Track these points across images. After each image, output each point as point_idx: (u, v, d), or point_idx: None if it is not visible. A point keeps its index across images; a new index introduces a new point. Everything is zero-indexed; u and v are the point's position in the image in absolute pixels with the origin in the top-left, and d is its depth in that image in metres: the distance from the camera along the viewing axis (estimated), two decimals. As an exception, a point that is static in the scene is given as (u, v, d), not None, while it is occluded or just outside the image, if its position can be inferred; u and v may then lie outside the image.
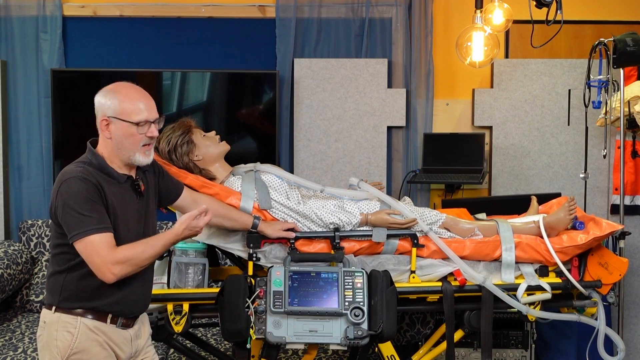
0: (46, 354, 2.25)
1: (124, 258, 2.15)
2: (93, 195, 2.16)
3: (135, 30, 4.16)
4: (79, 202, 2.14)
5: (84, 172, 2.19)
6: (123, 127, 2.24)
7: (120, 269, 2.14)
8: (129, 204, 2.29)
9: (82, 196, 2.14)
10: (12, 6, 4.08)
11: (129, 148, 2.26)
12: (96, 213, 2.16)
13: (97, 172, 2.23)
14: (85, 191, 2.15)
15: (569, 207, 2.95)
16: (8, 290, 3.68)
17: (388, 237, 2.84)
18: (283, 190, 2.91)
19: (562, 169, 4.17)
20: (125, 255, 2.16)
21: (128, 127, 2.24)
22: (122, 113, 2.24)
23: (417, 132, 4.18)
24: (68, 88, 4.00)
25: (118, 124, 2.24)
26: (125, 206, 2.27)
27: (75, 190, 2.15)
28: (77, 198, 2.14)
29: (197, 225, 2.25)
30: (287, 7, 4.13)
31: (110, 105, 2.24)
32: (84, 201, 2.14)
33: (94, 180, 2.18)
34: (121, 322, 2.30)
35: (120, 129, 2.24)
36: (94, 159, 2.26)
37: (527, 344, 3.50)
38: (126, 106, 2.24)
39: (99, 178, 2.21)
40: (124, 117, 2.24)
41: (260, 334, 2.64)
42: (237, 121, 4.13)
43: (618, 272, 2.85)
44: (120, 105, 2.24)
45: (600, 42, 3.46)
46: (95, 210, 2.16)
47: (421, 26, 4.17)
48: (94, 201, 2.16)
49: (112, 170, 2.26)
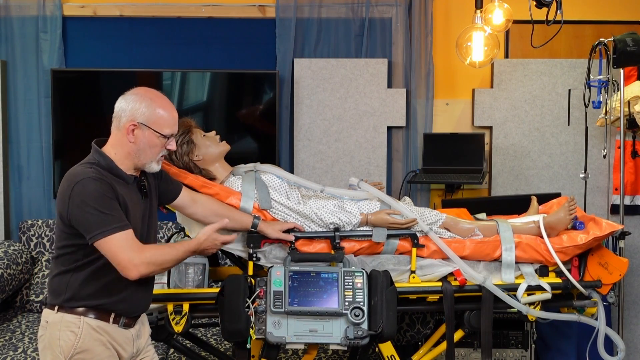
0: (48, 354, 2.25)
1: (151, 258, 2.18)
2: (111, 194, 2.18)
3: (135, 30, 4.16)
4: (99, 201, 2.15)
5: (96, 173, 2.20)
6: (151, 136, 2.26)
7: (146, 268, 2.17)
8: (135, 204, 2.30)
9: (100, 195, 2.16)
10: (12, 6, 4.08)
11: (149, 157, 2.28)
12: (116, 211, 2.18)
13: (106, 172, 2.24)
14: (102, 190, 2.16)
15: (569, 207, 2.95)
16: (8, 290, 3.68)
17: (388, 237, 2.84)
18: (283, 190, 2.91)
19: (562, 169, 4.17)
20: (153, 255, 2.19)
21: (156, 138, 2.26)
22: (155, 123, 2.25)
23: (417, 132, 4.18)
24: (68, 88, 4.00)
25: (146, 132, 2.25)
26: (133, 206, 2.28)
27: (92, 190, 2.15)
28: (96, 197, 2.15)
29: (217, 238, 2.30)
30: (287, 7, 4.14)
31: (145, 112, 2.24)
32: (102, 200, 2.15)
33: (107, 179, 2.20)
34: (123, 321, 2.31)
35: (146, 137, 2.25)
36: (102, 159, 2.25)
37: (527, 344, 3.50)
38: (160, 117, 2.26)
39: (109, 178, 2.22)
40: (155, 127, 2.25)
41: (260, 334, 2.64)
42: (237, 121, 4.13)
43: (618, 272, 2.85)
44: (154, 114, 2.25)
45: (600, 42, 3.46)
46: (115, 208, 2.18)
47: (421, 26, 4.17)
48: (112, 199, 2.18)
49: (121, 171, 2.27)
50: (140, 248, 2.19)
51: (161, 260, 2.21)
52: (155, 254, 2.20)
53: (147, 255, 2.17)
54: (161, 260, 2.21)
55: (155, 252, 2.21)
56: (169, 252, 2.24)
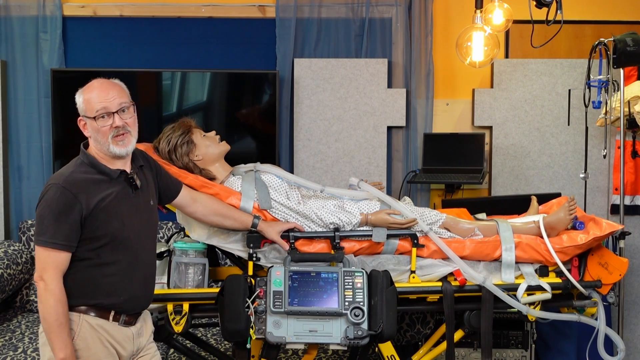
0: (47, 350, 2.25)
1: (54, 295, 2.17)
2: (69, 208, 2.18)
3: (135, 30, 4.16)
4: (54, 210, 2.18)
5: (66, 181, 2.21)
6: (90, 123, 2.29)
7: (46, 294, 2.17)
8: (123, 199, 2.30)
9: (57, 205, 2.18)
10: (12, 6, 4.07)
11: (102, 141, 2.29)
12: (66, 227, 2.18)
13: (89, 170, 2.26)
14: (62, 200, 2.18)
15: (569, 207, 2.95)
16: (8, 290, 3.68)
17: (388, 237, 2.84)
18: (283, 190, 2.91)
19: (562, 169, 4.17)
20: (58, 298, 2.17)
21: (95, 122, 2.28)
22: (88, 110, 2.29)
23: (417, 132, 4.18)
24: (68, 88, 3.94)
25: (88, 121, 2.30)
26: (119, 202, 2.28)
27: (52, 197, 2.19)
28: (53, 206, 2.18)
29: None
30: (287, 7, 4.13)
31: (80, 105, 2.32)
32: (57, 210, 2.18)
33: (74, 190, 2.20)
34: (123, 319, 2.31)
35: (91, 126, 2.30)
36: (85, 158, 2.30)
37: (527, 344, 3.50)
38: (85, 103, 2.30)
39: (87, 182, 2.23)
40: (89, 113, 2.29)
41: (260, 334, 2.64)
42: (237, 121, 4.13)
43: (618, 272, 2.85)
44: (83, 103, 2.31)
45: (600, 42, 3.46)
46: (67, 223, 2.18)
47: (421, 26, 4.17)
48: (68, 214, 2.18)
49: (103, 167, 2.29)
50: (59, 278, 2.18)
51: (49, 310, 2.16)
52: (56, 303, 2.16)
53: (56, 292, 2.17)
54: (50, 311, 2.16)
55: (57, 302, 2.16)
56: (56, 315, 2.16)
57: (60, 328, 2.17)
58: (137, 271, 2.33)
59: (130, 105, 2.34)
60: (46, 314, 2.17)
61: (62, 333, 2.18)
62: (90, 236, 2.22)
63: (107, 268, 2.25)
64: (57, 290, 2.18)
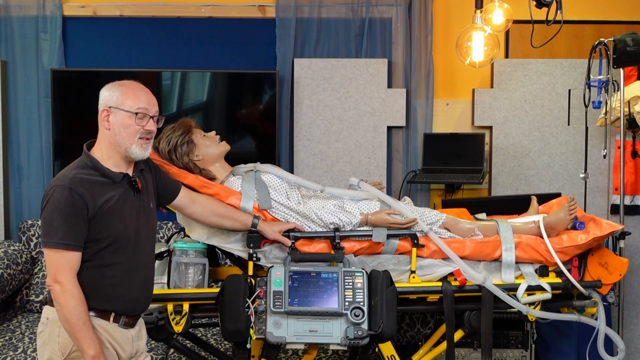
0: (46, 350, 2.26)
1: (72, 295, 2.16)
2: (77, 209, 2.18)
3: (135, 30, 4.16)
4: (62, 211, 2.17)
5: (74, 181, 2.20)
6: (122, 117, 2.27)
7: (62, 296, 2.16)
8: (126, 202, 2.30)
9: (66, 206, 2.17)
10: (12, 6, 4.08)
11: (126, 139, 2.28)
12: (75, 228, 2.18)
13: (91, 173, 2.25)
14: (70, 201, 2.17)
15: (569, 207, 2.95)
16: (8, 290, 3.68)
17: (388, 237, 2.84)
18: (283, 190, 2.91)
19: (562, 169, 4.17)
20: (75, 296, 2.17)
21: (127, 117, 2.27)
22: (123, 103, 2.28)
23: (417, 132, 4.18)
24: (68, 88, 4.00)
25: (118, 114, 2.28)
26: (121, 204, 2.28)
27: (59, 198, 2.18)
28: (60, 208, 2.17)
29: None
30: (287, 7, 4.13)
31: (112, 96, 2.29)
32: (66, 211, 2.17)
33: (80, 190, 2.19)
34: (123, 321, 2.32)
35: (119, 119, 2.28)
36: (88, 161, 2.28)
37: (527, 344, 3.50)
38: (127, 97, 2.29)
39: (90, 183, 2.23)
40: (124, 107, 2.28)
41: (260, 334, 2.64)
42: (237, 121, 4.13)
43: (618, 272, 2.85)
44: (121, 96, 2.28)
45: (600, 42, 3.46)
46: (76, 224, 2.18)
47: (421, 26, 4.17)
48: (77, 215, 2.18)
49: (106, 170, 2.28)
50: (74, 278, 2.17)
51: (71, 311, 2.16)
52: (77, 303, 2.16)
53: (75, 292, 2.16)
54: (73, 312, 2.16)
55: (77, 302, 2.16)
56: (79, 314, 2.16)
57: (85, 327, 2.17)
58: (137, 273, 2.33)
59: (161, 118, 2.38)
60: (69, 315, 2.16)
61: (88, 331, 2.18)
62: (93, 238, 2.22)
63: (108, 270, 2.25)
64: (75, 290, 2.17)
